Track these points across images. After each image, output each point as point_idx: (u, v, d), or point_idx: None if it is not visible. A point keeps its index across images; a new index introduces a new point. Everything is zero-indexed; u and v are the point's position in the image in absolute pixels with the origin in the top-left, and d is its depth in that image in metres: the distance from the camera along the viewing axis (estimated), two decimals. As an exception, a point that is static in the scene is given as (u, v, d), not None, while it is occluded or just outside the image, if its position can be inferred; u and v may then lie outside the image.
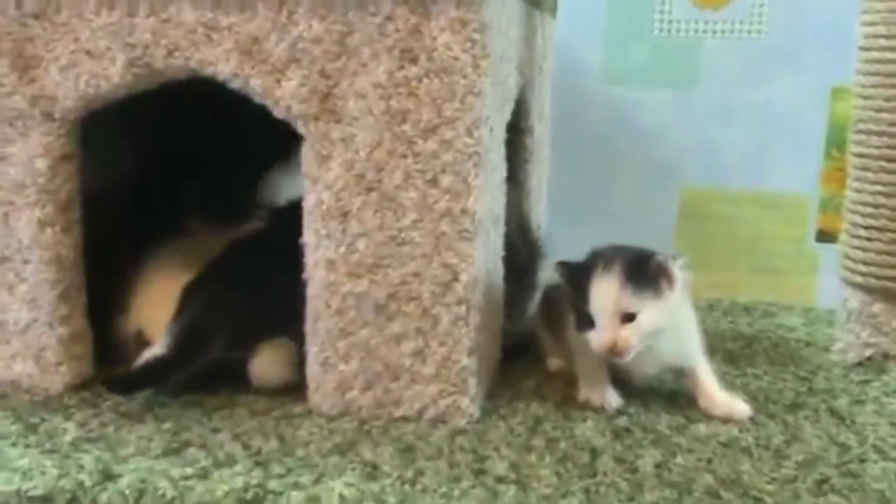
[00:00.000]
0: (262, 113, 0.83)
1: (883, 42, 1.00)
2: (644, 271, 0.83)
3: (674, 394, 0.92)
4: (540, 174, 1.25)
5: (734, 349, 1.10)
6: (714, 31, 1.51)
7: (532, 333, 1.03)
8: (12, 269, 0.88)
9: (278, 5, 0.81)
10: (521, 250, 1.06)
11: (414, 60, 0.80)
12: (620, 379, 0.90)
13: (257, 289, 0.87)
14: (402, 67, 0.80)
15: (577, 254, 0.91)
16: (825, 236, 1.54)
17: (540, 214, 1.26)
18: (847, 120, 1.48)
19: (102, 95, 0.85)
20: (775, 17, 1.49)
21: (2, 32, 0.84)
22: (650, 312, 0.83)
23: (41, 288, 0.88)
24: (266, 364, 0.89)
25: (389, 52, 0.80)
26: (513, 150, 1.02)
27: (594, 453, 0.79)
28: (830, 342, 1.09)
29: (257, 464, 0.75)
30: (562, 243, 1.30)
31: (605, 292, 0.83)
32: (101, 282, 0.92)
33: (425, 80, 0.80)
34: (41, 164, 0.86)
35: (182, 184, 1.02)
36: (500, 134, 0.90)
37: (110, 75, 0.84)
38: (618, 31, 1.54)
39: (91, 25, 0.84)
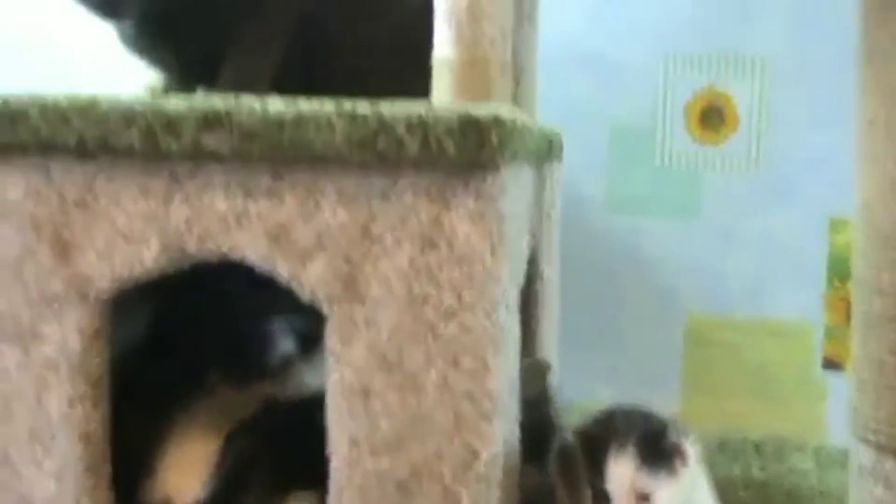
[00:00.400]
0: None
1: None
2: (658, 451, 0.86)
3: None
4: (550, 315, 1.29)
5: (747, 498, 1.12)
6: (713, 164, 1.56)
7: (549, 488, 1.05)
8: (41, 445, 0.91)
9: (305, 194, 0.85)
10: (536, 405, 1.09)
11: (435, 248, 0.84)
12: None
13: (292, 443, 0.91)
14: (423, 254, 0.84)
15: (583, 385, 0.94)
16: (832, 364, 1.57)
17: (552, 355, 1.29)
18: (847, 250, 1.54)
19: (136, 277, 0.89)
20: (772, 151, 1.55)
21: (44, 220, 0.89)
22: (665, 493, 0.86)
23: (68, 463, 0.91)
24: None
25: (411, 240, 0.84)
26: (524, 297, 1.06)
27: None
28: (844, 490, 1.11)
29: None
30: (568, 373, 1.34)
31: (621, 474, 0.86)
32: (125, 448, 0.95)
33: (445, 267, 0.84)
34: (74, 342, 0.90)
35: (200, 339, 1.06)
36: (515, 302, 0.94)
37: (144, 259, 0.88)
38: (621, 162, 1.59)
39: (127, 212, 0.88)
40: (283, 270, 0.86)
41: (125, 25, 1.07)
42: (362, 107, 0.82)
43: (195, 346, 1.06)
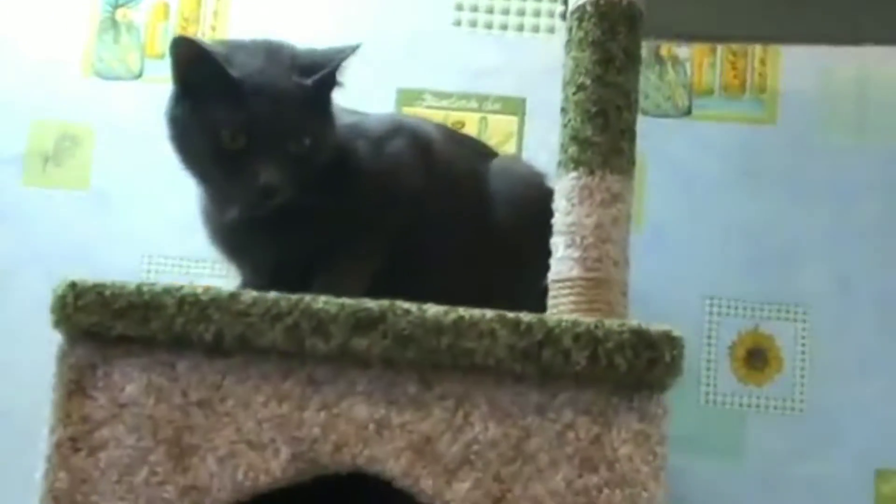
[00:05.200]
0: None
1: None
2: None
3: None
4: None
5: None
6: (757, 406, 1.55)
7: None
8: None
9: (454, 406, 0.81)
10: None
11: (594, 470, 0.80)
12: None
13: None
14: (581, 476, 0.80)
15: None
16: None
17: None
18: (894, 501, 1.51)
19: (259, 488, 0.82)
20: (816, 394, 1.55)
21: (163, 420, 0.82)
22: None
23: None
24: None
25: (569, 460, 0.80)
26: None
27: None
28: None
29: None
30: None
31: None
32: None
33: (605, 491, 0.79)
34: (182, 554, 0.82)
35: None
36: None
37: (271, 469, 0.82)
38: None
39: (257, 416, 0.82)
40: (425, 487, 0.81)
41: (228, 219, 1.05)
42: (526, 315, 0.80)
43: None
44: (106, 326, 0.82)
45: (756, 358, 1.57)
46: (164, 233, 1.52)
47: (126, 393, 0.83)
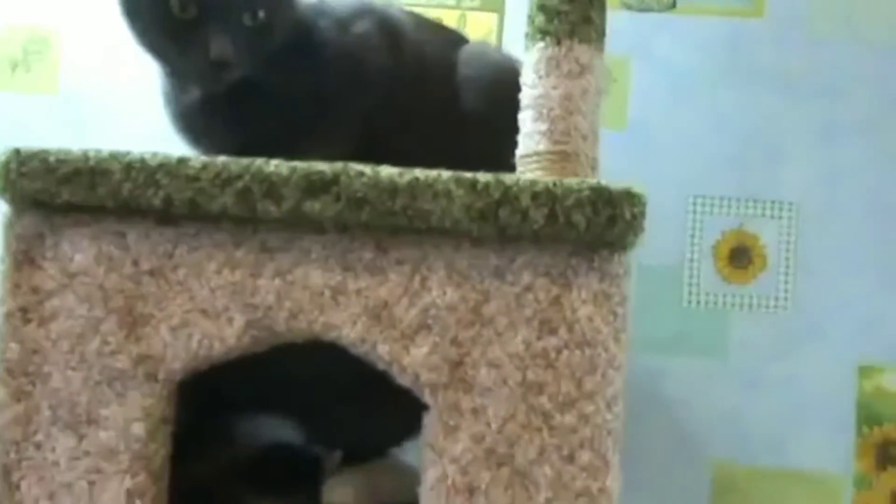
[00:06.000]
0: None
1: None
2: None
3: None
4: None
5: None
6: (741, 305, 1.54)
7: None
8: (91, 546, 0.80)
9: (411, 271, 0.79)
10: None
11: (553, 332, 0.78)
12: None
13: None
14: (540, 338, 0.78)
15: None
16: (863, 516, 1.51)
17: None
18: (876, 397, 1.51)
19: (214, 357, 0.80)
20: (801, 293, 1.53)
21: (114, 290, 0.80)
22: None
23: (121, 565, 0.79)
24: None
25: (528, 323, 0.78)
26: None
27: None
28: None
29: None
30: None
31: None
32: None
33: (565, 352, 0.78)
34: (138, 428, 0.80)
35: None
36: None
37: (226, 337, 0.80)
38: (648, 302, 1.56)
39: (210, 284, 0.80)
40: (382, 353, 0.79)
41: (189, 101, 1.02)
42: (483, 175, 0.78)
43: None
44: (52, 194, 0.79)
45: (740, 257, 1.55)
46: (142, 137, 1.50)
47: (76, 262, 0.81)
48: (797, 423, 1.54)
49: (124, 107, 1.50)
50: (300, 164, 0.79)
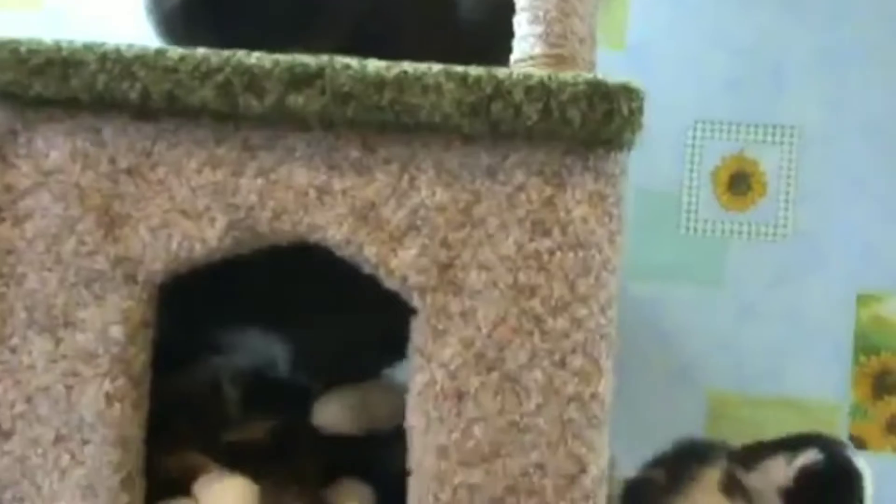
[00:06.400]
0: None
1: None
2: None
3: None
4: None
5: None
6: (740, 233, 1.51)
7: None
8: (69, 451, 0.78)
9: (399, 170, 0.76)
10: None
11: (546, 233, 0.75)
12: None
13: None
14: (532, 240, 0.75)
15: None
16: (858, 444, 1.49)
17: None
18: (875, 325, 1.49)
19: (195, 259, 0.78)
20: (800, 220, 1.50)
21: (91, 188, 0.77)
22: None
23: (101, 473, 0.77)
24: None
25: (520, 224, 0.75)
26: None
27: None
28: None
29: None
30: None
31: None
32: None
33: (558, 254, 0.75)
34: (116, 331, 0.78)
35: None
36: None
37: (207, 238, 0.77)
38: (645, 229, 1.53)
39: (190, 183, 0.77)
40: (369, 255, 0.76)
41: (171, 4, 0.98)
42: (475, 69, 0.74)
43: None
44: (24, 86, 0.76)
45: (739, 183, 1.52)
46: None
47: (51, 160, 0.78)
48: (794, 352, 1.52)
49: (109, 24, 1.46)
50: (283, 57, 0.75)
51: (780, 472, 0.80)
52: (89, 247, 0.78)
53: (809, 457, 0.81)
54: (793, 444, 0.84)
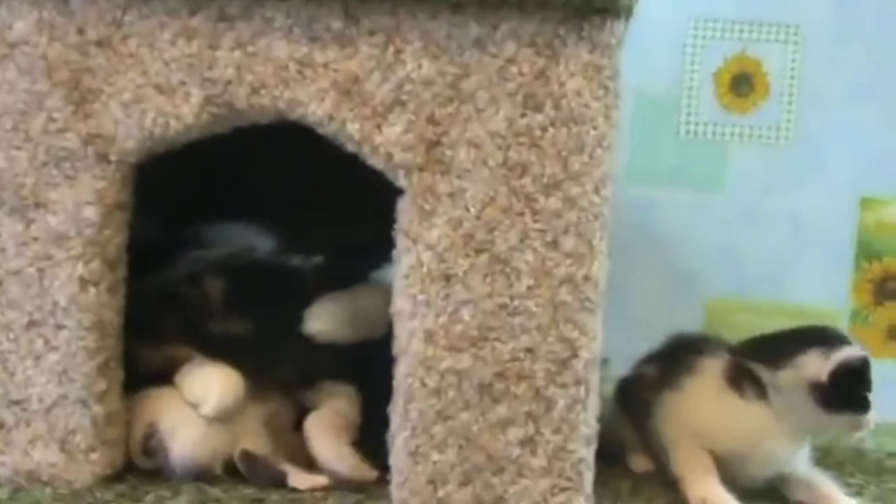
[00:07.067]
0: None
1: None
2: None
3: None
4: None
5: (815, 459, 1.00)
6: (741, 136, 1.47)
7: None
8: (42, 336, 0.75)
9: (384, 42, 0.72)
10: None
11: (538, 108, 0.71)
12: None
13: None
14: (523, 115, 0.72)
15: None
16: (858, 351, 1.47)
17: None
18: (877, 231, 1.46)
19: (170, 137, 0.74)
20: (803, 123, 1.46)
21: (59, 61, 0.73)
22: None
23: (76, 358, 0.75)
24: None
25: (510, 98, 0.71)
26: None
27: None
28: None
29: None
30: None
31: None
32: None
33: (550, 130, 0.71)
34: (90, 212, 0.74)
35: None
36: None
37: (182, 115, 0.74)
38: (643, 132, 1.49)
39: (163, 56, 0.73)
40: (352, 131, 0.73)
41: None
42: (464, -68, 0.70)
43: None
44: (-15, -49, 0.71)
45: (742, 84, 1.47)
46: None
47: (15, 31, 0.74)
48: (795, 258, 1.49)
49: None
50: (261, -81, 0.71)
51: (813, 367, 0.78)
52: (59, 124, 0.74)
53: (848, 352, 0.80)
54: (812, 339, 0.82)
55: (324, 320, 0.84)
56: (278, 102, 0.73)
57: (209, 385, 0.78)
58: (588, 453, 0.72)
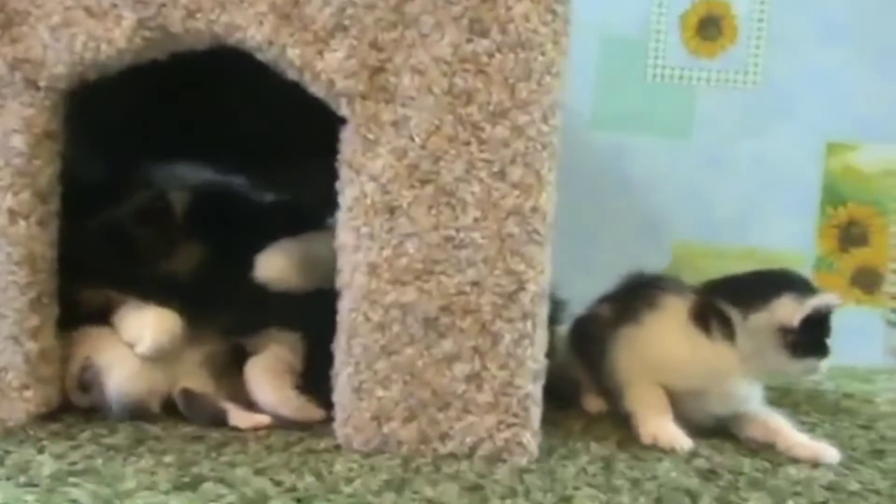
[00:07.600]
0: None
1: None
2: None
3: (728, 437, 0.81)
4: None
5: (773, 398, 0.99)
6: (708, 80, 1.45)
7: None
8: (-31, 272, 0.72)
9: (325, -37, 0.69)
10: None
11: (484, 33, 0.69)
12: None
13: None
14: (469, 40, 0.69)
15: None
16: (822, 296, 1.46)
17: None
18: (843, 176, 1.44)
19: (102, 63, 0.71)
20: (771, 67, 1.44)
21: (-19, -20, 0.70)
22: None
23: (7, 293, 0.72)
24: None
25: (456, 23, 0.69)
26: None
27: (693, 496, 0.66)
28: (866, 395, 1.01)
29: (298, 500, 0.60)
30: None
31: None
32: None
33: (497, 56, 0.69)
34: (18, 141, 0.71)
35: None
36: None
37: (114, 39, 0.71)
38: (610, 76, 1.47)
39: (94, -23, 0.70)
40: (293, 57, 0.70)
41: None
42: None
43: None
44: None
45: (709, 27, 1.45)
46: None
47: (-63, -50, 0.70)
48: (761, 203, 1.48)
49: None
50: None
51: (787, 311, 0.77)
52: (-17, 48, 0.71)
53: (821, 300, 0.79)
54: (784, 284, 0.81)
55: (275, 268, 0.81)
56: (214, 27, 0.70)
57: (145, 325, 0.76)
58: (535, 389, 0.71)
